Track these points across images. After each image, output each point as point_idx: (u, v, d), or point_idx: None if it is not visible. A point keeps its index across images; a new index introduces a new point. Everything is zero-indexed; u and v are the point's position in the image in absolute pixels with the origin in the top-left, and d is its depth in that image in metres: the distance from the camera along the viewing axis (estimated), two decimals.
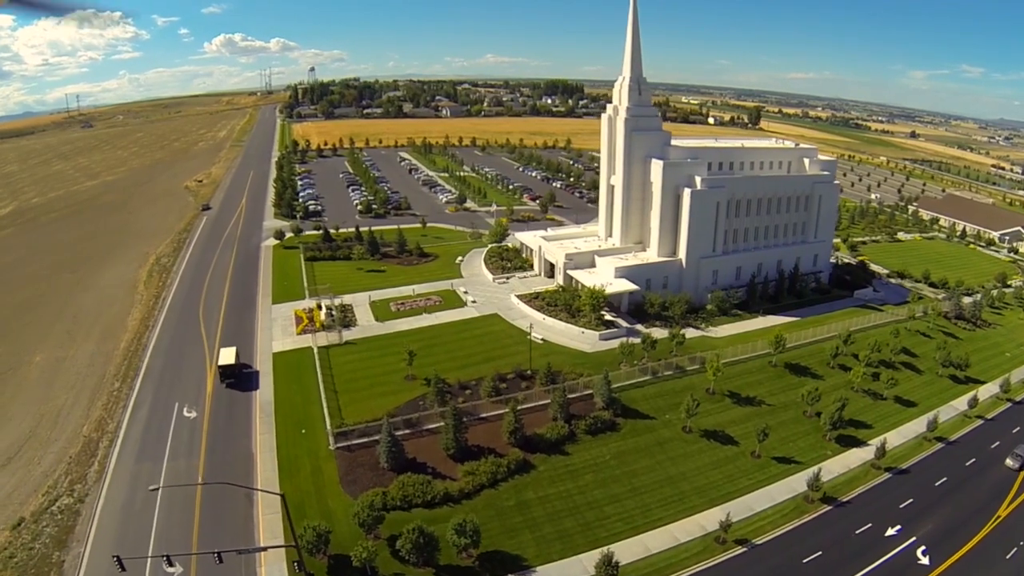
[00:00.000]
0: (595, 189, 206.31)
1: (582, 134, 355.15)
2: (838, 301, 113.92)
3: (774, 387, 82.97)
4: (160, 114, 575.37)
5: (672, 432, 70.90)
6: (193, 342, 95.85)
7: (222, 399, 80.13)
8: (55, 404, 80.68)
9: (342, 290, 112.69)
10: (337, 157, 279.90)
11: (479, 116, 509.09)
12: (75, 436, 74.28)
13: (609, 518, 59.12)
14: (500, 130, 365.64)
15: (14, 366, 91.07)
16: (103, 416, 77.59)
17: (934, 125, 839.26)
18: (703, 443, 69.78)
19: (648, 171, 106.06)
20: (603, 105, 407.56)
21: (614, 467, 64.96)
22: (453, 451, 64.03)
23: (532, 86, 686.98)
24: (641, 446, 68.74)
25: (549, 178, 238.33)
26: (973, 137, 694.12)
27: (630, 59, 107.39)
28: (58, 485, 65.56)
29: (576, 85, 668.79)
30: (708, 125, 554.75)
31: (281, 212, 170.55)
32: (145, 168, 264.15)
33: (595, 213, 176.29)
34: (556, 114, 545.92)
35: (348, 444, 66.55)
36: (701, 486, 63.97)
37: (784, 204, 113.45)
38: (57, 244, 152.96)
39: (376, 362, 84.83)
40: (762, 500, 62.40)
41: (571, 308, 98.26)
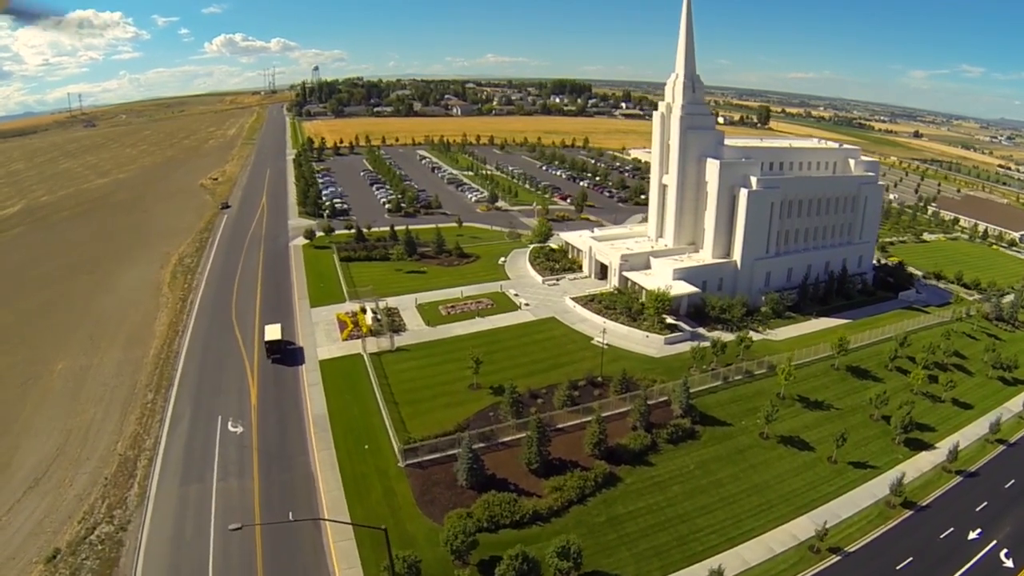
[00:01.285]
0: (624, 188, 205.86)
1: (596, 133, 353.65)
2: (884, 303, 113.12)
3: (839, 391, 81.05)
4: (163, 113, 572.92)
5: (750, 439, 68.82)
6: (229, 349, 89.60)
7: (269, 412, 74.08)
8: (83, 418, 74.27)
9: (383, 292, 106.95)
10: (354, 155, 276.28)
11: (490, 115, 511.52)
12: (109, 454, 67.80)
13: (702, 530, 56.48)
14: (514, 129, 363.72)
15: (35, 376, 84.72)
16: (138, 431, 71.15)
17: (936, 125, 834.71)
18: (781, 449, 67.94)
19: (702, 171, 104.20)
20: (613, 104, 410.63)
21: (699, 477, 62.59)
22: (536, 466, 60.27)
23: (538, 85, 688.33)
24: (722, 454, 66.37)
25: (575, 177, 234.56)
26: (976, 137, 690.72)
27: (684, 56, 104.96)
28: (95, 511, 59.11)
29: (584, 84, 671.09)
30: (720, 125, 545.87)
31: (306, 211, 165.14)
32: (156, 166, 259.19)
33: (627, 213, 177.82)
34: (567, 113, 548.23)
35: (419, 461, 61.95)
36: (786, 494, 61.96)
37: (832, 205, 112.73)
38: (71, 244, 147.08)
39: (435, 370, 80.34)
40: (846, 507, 60.97)
41: (631, 311, 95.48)
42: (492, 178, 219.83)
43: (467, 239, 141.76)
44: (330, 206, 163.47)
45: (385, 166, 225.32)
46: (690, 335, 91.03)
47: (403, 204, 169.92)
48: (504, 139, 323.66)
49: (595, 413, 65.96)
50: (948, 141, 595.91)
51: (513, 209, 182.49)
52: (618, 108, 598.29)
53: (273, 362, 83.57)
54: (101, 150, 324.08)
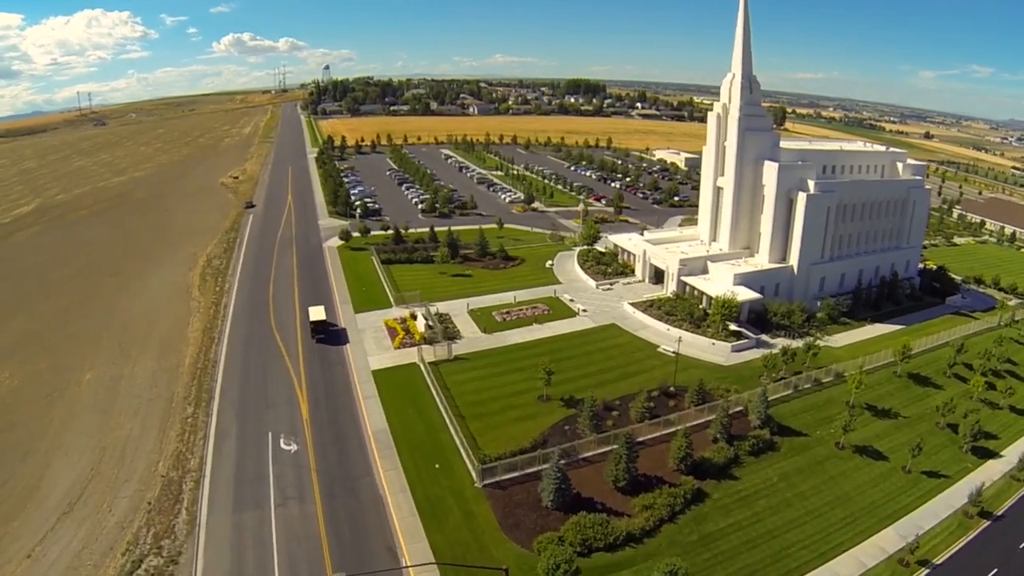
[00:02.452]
0: (657, 190, 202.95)
1: (616, 133, 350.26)
2: (933, 308, 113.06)
3: (904, 398, 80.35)
4: (174, 112, 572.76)
5: (827, 449, 67.70)
6: (272, 357, 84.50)
7: (324, 427, 69.11)
8: (118, 434, 68.97)
9: (430, 297, 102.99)
10: (376, 154, 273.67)
11: (507, 114, 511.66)
12: (150, 475, 62.47)
13: (793, 547, 54.80)
14: (534, 128, 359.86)
15: (61, 386, 79.45)
16: (180, 450, 65.81)
17: (945, 126, 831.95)
18: (857, 459, 66.81)
19: (759, 173, 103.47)
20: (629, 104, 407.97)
21: (783, 490, 61.17)
22: (624, 483, 57.96)
23: (551, 85, 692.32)
24: (803, 466, 65.08)
25: (605, 178, 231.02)
26: (986, 138, 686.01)
27: (741, 56, 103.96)
28: (140, 540, 53.88)
29: (598, 84, 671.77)
30: None
31: (336, 211, 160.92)
32: (173, 164, 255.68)
33: (663, 215, 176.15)
34: (584, 113, 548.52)
35: (497, 480, 58.96)
36: (867, 505, 60.74)
37: (882, 209, 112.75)
38: (90, 244, 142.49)
39: (498, 380, 77.43)
40: (926, 518, 60.36)
41: (693, 317, 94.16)
42: (524, 178, 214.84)
43: (508, 241, 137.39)
44: (362, 206, 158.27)
45: (413, 165, 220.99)
46: (755, 342, 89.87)
47: (437, 204, 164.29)
48: (528, 139, 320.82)
49: (679, 426, 65.46)
50: (959, 142, 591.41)
51: (550, 210, 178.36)
52: (633, 108, 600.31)
53: (318, 342, 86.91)
54: (115, 148, 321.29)
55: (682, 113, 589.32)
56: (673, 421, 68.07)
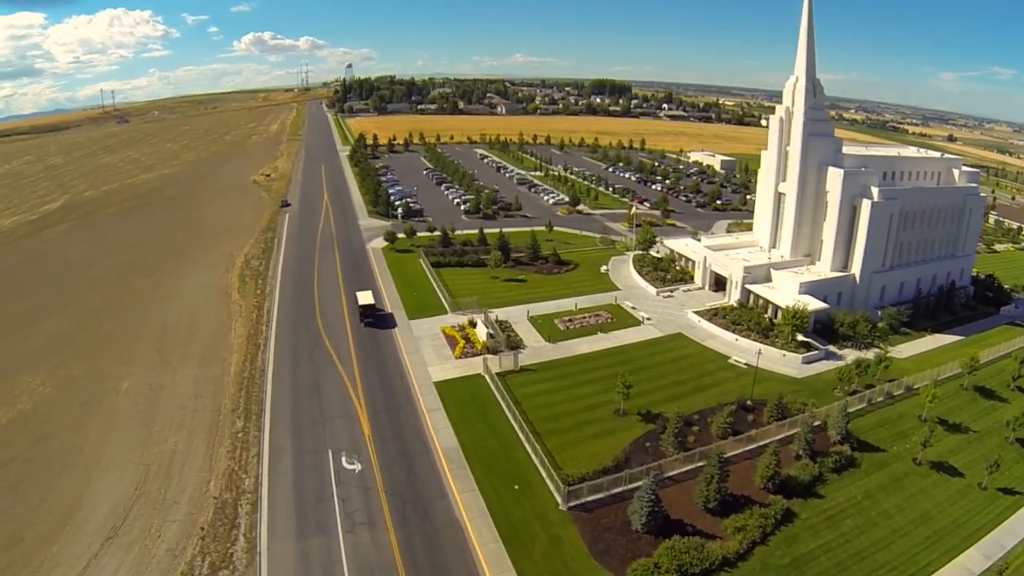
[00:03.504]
0: (698, 193, 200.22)
1: (647, 134, 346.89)
2: (988, 318, 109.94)
3: (972, 412, 77.64)
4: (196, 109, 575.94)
5: (905, 465, 65.43)
6: (324, 366, 79.87)
7: (388, 444, 64.49)
8: (162, 450, 64.41)
9: (486, 303, 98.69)
10: (409, 152, 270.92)
11: (535, 114, 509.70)
12: (200, 496, 57.71)
13: (882, 568, 52.63)
14: (564, 128, 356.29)
15: (97, 395, 75.16)
16: (232, 468, 61.07)
17: (968, 128, 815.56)
18: (935, 476, 64.57)
19: (822, 179, 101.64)
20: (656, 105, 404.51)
21: (868, 508, 58.90)
22: (714, 504, 55.69)
23: (576, 85, 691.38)
24: (884, 483, 62.76)
25: (645, 180, 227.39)
26: (1010, 141, 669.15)
27: (805, 58, 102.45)
28: (195, 571, 49.36)
29: (624, 85, 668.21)
30: (763, 128, 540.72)
31: (377, 211, 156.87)
32: (202, 161, 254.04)
33: (708, 218, 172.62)
34: (612, 113, 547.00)
35: (583, 502, 55.87)
36: (949, 524, 58.56)
37: (940, 217, 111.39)
38: (121, 242, 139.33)
39: (569, 393, 74.04)
40: (1008, 536, 58.08)
41: (760, 327, 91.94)
42: (564, 179, 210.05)
43: (558, 244, 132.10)
44: (404, 206, 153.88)
45: (451, 165, 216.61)
46: (824, 353, 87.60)
47: (481, 206, 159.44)
48: (561, 139, 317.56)
49: (761, 442, 65.30)
50: (983, 145, 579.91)
51: (595, 212, 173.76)
52: (660, 109, 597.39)
53: (366, 326, 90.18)
54: (140, 145, 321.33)
55: (709, 114, 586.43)
56: (755, 437, 66.26)
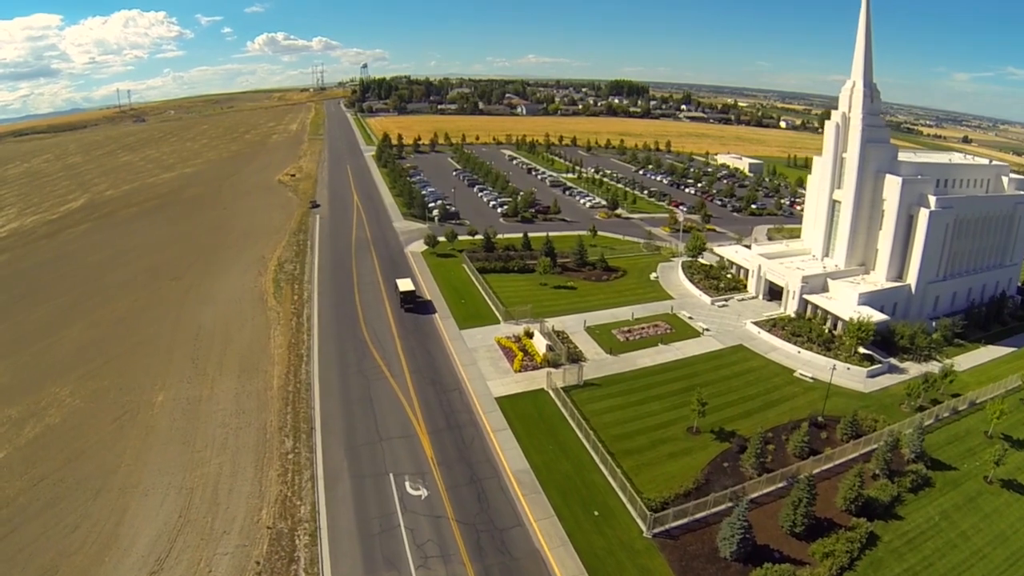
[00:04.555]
0: (732, 197, 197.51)
1: (669, 136, 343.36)
2: None
3: None
4: (212, 109, 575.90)
5: (977, 484, 63.46)
6: (375, 379, 75.19)
7: (454, 466, 60.03)
8: (206, 472, 59.62)
9: (537, 312, 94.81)
10: (435, 153, 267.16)
11: (556, 115, 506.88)
12: (252, 526, 52.86)
13: None
14: (586, 129, 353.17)
15: (131, 409, 70.49)
16: (285, 494, 56.19)
17: (983, 129, 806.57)
18: (1006, 494, 62.58)
19: (878, 187, 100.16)
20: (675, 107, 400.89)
21: (946, 530, 57.23)
22: (801, 528, 53.63)
23: (591, 86, 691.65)
24: (959, 502, 60.91)
25: (677, 183, 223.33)
26: None
27: (862, 63, 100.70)
28: None
29: (641, 86, 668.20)
30: (781, 129, 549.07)
31: (412, 213, 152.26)
32: (223, 160, 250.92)
33: (744, 223, 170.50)
34: (632, 114, 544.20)
35: (667, 528, 53.42)
36: None
37: (991, 225, 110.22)
38: (146, 244, 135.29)
39: (639, 410, 71.29)
40: None
41: (821, 339, 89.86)
42: (598, 182, 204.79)
43: (602, 250, 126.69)
44: (440, 208, 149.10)
45: (484, 166, 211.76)
46: (887, 366, 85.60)
47: (519, 209, 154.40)
48: (587, 141, 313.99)
49: (836, 461, 64.16)
50: (999, 147, 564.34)
51: (634, 216, 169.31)
52: (679, 110, 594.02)
53: (406, 311, 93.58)
54: (160, 144, 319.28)
55: (728, 116, 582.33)
56: (832, 456, 64.44)
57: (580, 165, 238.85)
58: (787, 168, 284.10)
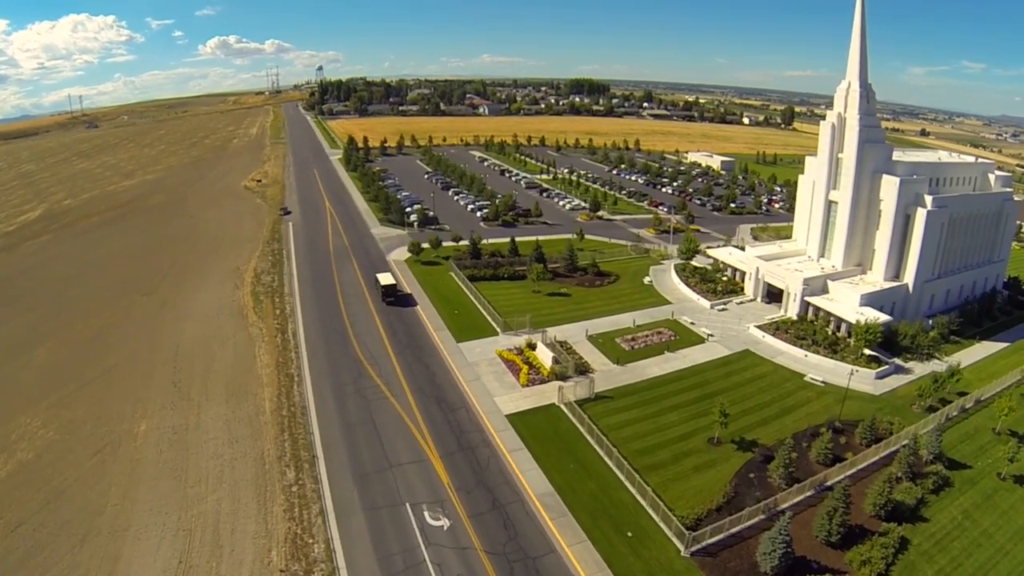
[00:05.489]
0: (712, 196, 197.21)
1: (635, 134, 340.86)
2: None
3: None
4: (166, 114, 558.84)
5: (992, 481, 63.42)
6: (374, 399, 70.87)
7: (474, 492, 56.35)
8: (203, 510, 54.51)
9: (536, 321, 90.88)
10: (403, 155, 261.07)
11: (519, 115, 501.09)
12: (263, 569, 48.70)
13: None
14: (552, 129, 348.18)
15: (112, 440, 64.65)
16: (295, 531, 51.63)
17: (939, 122, 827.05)
18: (1020, 490, 62.62)
19: (875, 187, 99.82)
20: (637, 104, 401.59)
21: (969, 529, 56.84)
22: (836, 537, 52.73)
23: (550, 85, 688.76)
24: (977, 500, 60.68)
25: (653, 183, 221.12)
26: (980, 134, 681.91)
27: (858, 63, 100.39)
28: None
29: (602, 84, 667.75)
30: (745, 125, 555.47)
31: (389, 219, 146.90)
32: (185, 166, 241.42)
33: (727, 223, 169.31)
34: (596, 113, 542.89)
35: (704, 546, 51.66)
36: None
37: (981, 223, 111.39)
38: (112, 256, 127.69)
39: (656, 422, 68.83)
40: None
41: (827, 342, 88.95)
42: (577, 183, 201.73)
43: (590, 254, 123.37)
44: (419, 214, 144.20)
45: (458, 169, 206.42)
46: (894, 367, 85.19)
47: (500, 212, 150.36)
48: (555, 140, 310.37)
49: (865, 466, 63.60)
50: (955, 139, 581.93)
51: (616, 218, 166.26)
52: (642, 108, 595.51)
53: (388, 304, 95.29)
54: (117, 150, 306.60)
55: (692, 113, 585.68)
56: (856, 462, 63.33)
57: (553, 166, 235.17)
58: (757, 165, 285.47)
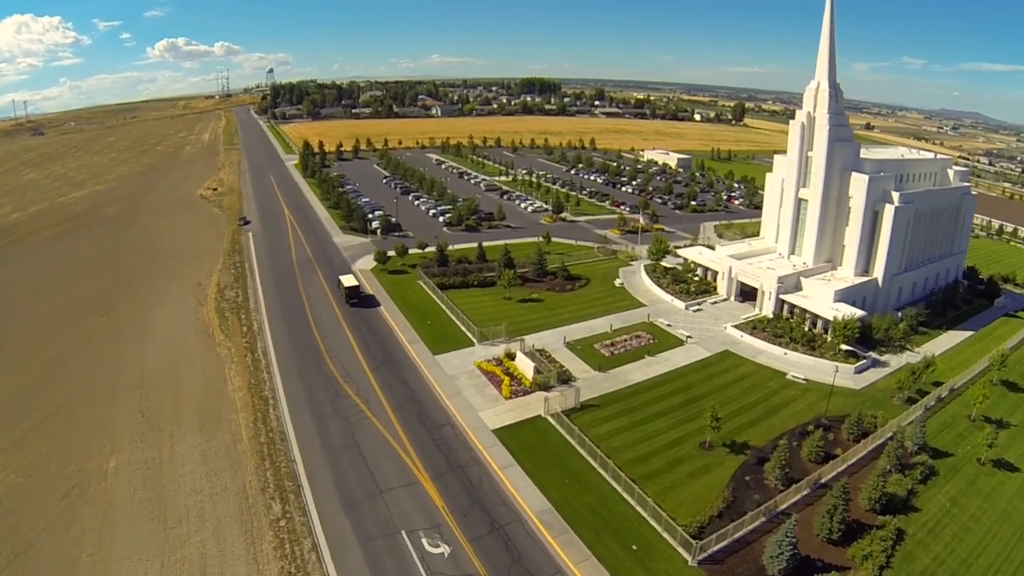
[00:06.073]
0: (672, 194, 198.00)
1: (591, 132, 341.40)
2: (986, 311, 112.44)
3: (1007, 406, 78.11)
4: (115, 119, 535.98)
5: (973, 467, 64.97)
6: (355, 420, 67.82)
7: (471, 515, 53.70)
8: (188, 554, 50.61)
9: (512, 330, 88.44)
10: (359, 160, 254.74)
11: (471, 115, 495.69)
12: None
13: (988, 572, 51.65)
14: (506, 129, 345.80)
15: (80, 481, 59.56)
16: (288, 571, 48.80)
17: (882, 116, 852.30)
18: (999, 474, 64.51)
19: (845, 185, 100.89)
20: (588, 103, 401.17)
21: (958, 515, 57.98)
22: (837, 534, 52.94)
23: (500, 84, 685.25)
24: (962, 487, 61.96)
25: (613, 182, 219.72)
26: (922, 127, 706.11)
27: (827, 64, 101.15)
28: None
29: (553, 83, 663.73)
30: (697, 122, 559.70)
31: (351, 226, 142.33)
32: (137, 175, 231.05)
33: (690, 221, 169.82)
34: (548, 112, 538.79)
35: (711, 554, 50.80)
36: None
37: (943, 217, 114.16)
38: (66, 273, 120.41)
39: (645, 429, 67.51)
40: None
41: (805, 339, 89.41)
42: (538, 185, 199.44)
43: (557, 257, 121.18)
44: (382, 220, 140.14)
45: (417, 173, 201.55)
46: (871, 361, 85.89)
47: (463, 217, 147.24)
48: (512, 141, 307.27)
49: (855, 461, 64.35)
50: (899, 132, 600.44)
51: (580, 220, 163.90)
52: (594, 106, 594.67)
53: (352, 306, 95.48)
54: (65, 159, 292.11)
55: (644, 111, 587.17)
56: (846, 457, 63.88)
57: (512, 167, 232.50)
58: (713, 161, 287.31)
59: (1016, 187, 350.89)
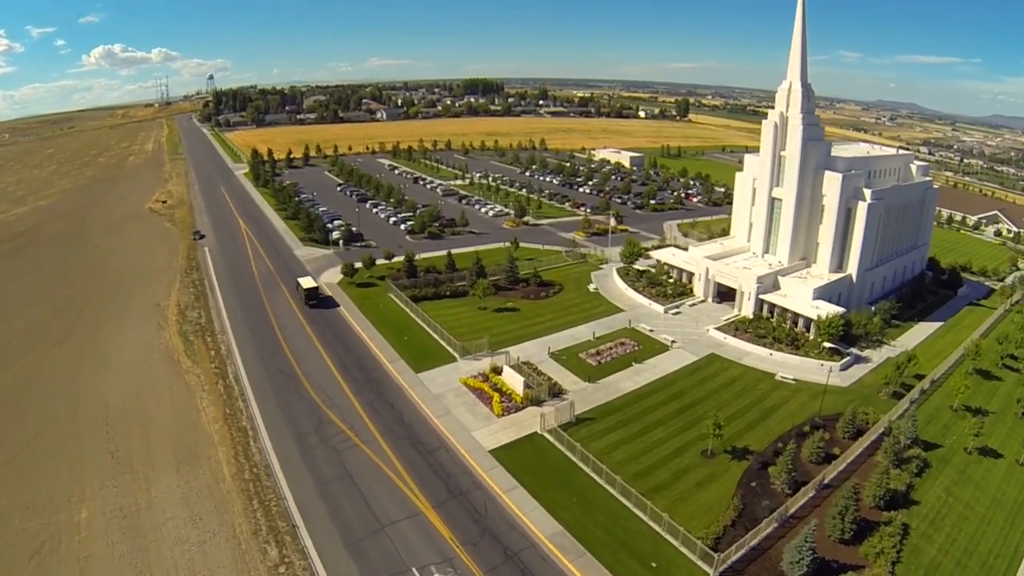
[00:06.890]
0: (631, 194, 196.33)
1: (540, 132, 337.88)
2: (952, 301, 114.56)
3: (983, 394, 79.48)
4: (52, 130, 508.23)
5: (962, 457, 65.82)
6: (344, 449, 63.53)
7: (481, 545, 50.48)
8: None
9: (494, 343, 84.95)
10: (310, 167, 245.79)
11: (417, 118, 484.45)
12: None
13: (988, 557, 52.52)
14: (453, 131, 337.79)
15: (50, 537, 53.28)
16: None
17: (821, 108, 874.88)
18: (986, 461, 65.51)
19: (818, 183, 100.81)
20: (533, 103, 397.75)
21: (953, 505, 58.56)
22: (848, 535, 52.79)
23: (442, 86, 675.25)
24: (954, 477, 62.65)
25: (569, 183, 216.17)
26: (860, 119, 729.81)
27: (799, 64, 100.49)
28: None
29: (496, 83, 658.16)
30: (642, 119, 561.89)
31: (312, 238, 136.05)
32: (80, 189, 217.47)
33: (653, 220, 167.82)
34: (494, 113, 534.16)
35: (730, 566, 49.60)
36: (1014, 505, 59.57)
37: (909, 211, 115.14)
38: (12, 298, 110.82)
39: (645, 441, 65.54)
40: None
41: (787, 338, 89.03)
42: (497, 188, 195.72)
43: (527, 263, 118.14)
44: (344, 231, 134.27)
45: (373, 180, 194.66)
46: (854, 358, 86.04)
47: (426, 224, 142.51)
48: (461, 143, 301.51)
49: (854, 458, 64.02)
50: (839, 124, 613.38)
51: (543, 223, 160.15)
52: (540, 106, 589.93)
53: (311, 307, 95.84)
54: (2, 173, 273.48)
55: (588, 109, 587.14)
56: (846, 456, 63.65)
57: (466, 171, 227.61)
58: (664, 158, 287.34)
59: (958, 176, 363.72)
